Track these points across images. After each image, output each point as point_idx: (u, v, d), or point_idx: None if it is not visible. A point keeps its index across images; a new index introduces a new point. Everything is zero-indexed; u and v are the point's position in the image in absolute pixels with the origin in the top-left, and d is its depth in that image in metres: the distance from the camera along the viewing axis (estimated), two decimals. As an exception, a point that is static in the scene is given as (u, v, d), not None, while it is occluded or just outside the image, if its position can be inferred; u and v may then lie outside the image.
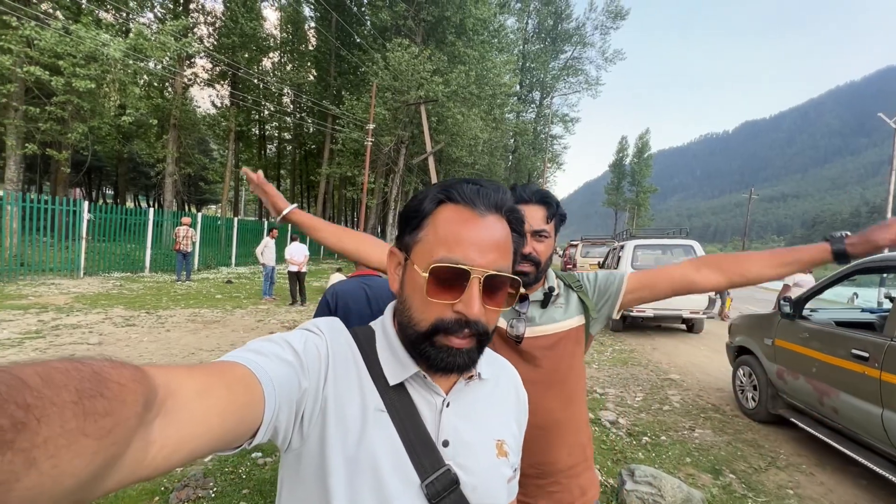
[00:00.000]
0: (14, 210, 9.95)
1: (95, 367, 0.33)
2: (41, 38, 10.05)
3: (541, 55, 35.88)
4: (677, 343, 8.23)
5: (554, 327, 1.23)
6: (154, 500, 2.64)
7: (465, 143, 20.58)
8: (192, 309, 8.34)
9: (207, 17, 21.11)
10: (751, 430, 4.30)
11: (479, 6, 18.49)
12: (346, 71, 25.65)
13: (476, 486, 0.63)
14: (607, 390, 5.36)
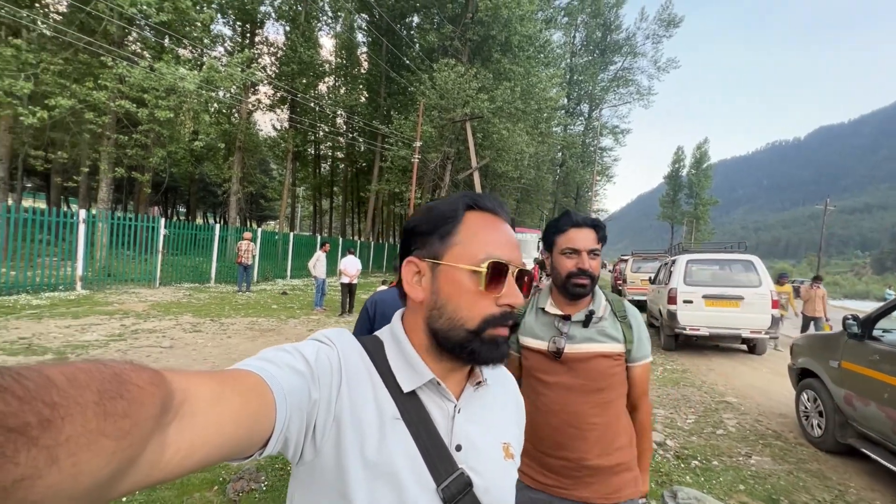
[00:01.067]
0: (104, 227, 11.20)
1: (117, 369, 0.34)
2: (131, 76, 11.40)
3: (589, 67, 35.44)
4: (736, 364, 7.71)
5: (590, 347, 1.40)
6: (213, 488, 2.89)
7: (511, 158, 20.64)
8: (250, 318, 8.93)
9: (270, 48, 22.85)
10: (816, 459, 3.97)
11: (525, 23, 18.70)
12: (396, 92, 26.68)
13: (488, 487, 0.66)
14: (656, 410, 5.13)
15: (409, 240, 0.70)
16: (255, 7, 19.48)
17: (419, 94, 18.95)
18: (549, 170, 32.18)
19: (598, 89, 36.99)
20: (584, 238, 1.39)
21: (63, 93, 11.21)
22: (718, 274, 8.25)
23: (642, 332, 1.45)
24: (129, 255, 11.64)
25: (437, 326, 0.65)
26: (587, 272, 1.36)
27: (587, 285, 1.37)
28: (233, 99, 17.70)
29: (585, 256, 1.37)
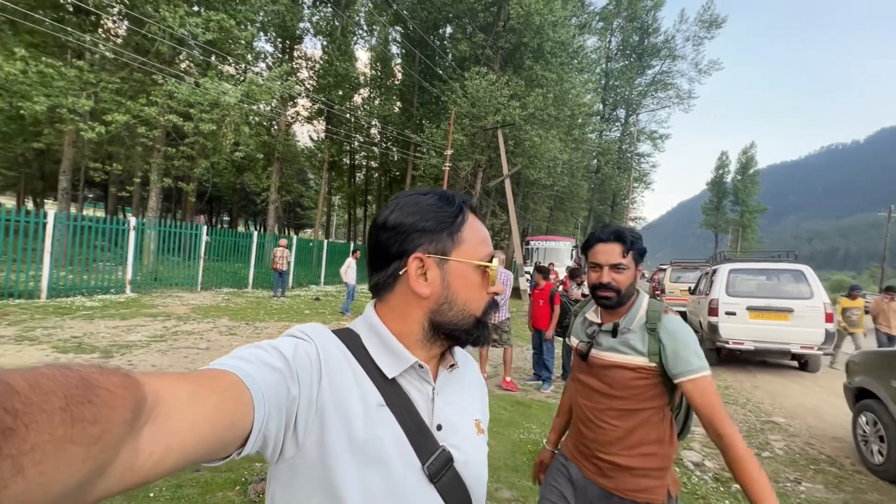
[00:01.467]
0: (152, 234, 11.88)
1: (84, 373, 0.33)
2: (179, 91, 12.11)
3: (625, 72, 34.62)
4: (785, 382, 7.18)
5: (611, 356, 1.49)
6: (235, 489, 2.94)
7: (544, 165, 20.38)
8: (283, 322, 9.18)
9: (308, 62, 23.72)
10: (877, 489, 3.60)
11: (558, 29, 18.52)
12: (428, 101, 27.01)
13: (467, 461, 0.70)
14: (694, 428, 4.83)
15: (406, 237, 0.69)
16: (295, 24, 20.32)
17: (451, 103, 19.09)
18: (584, 177, 31.51)
19: (635, 94, 36.03)
20: (607, 253, 1.48)
21: (119, 109, 12.04)
22: (765, 284, 7.75)
23: (678, 345, 1.40)
24: (175, 260, 12.28)
25: (445, 318, 0.69)
26: (608, 285, 1.46)
27: (611, 297, 1.47)
28: (272, 112, 18.47)
29: (606, 270, 1.47)
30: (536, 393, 5.88)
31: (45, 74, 10.79)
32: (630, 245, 1.47)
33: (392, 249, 0.69)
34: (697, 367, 1.36)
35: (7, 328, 6.50)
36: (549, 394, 5.89)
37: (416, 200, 0.72)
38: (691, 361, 1.37)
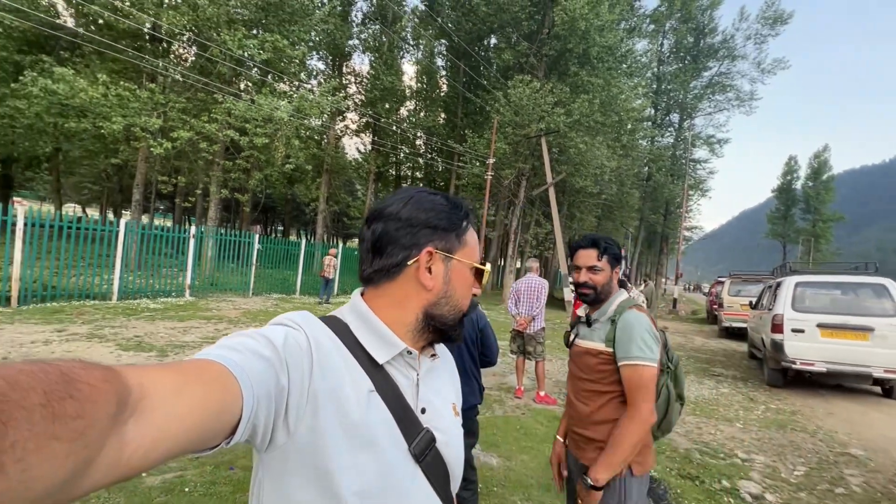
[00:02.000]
0: (210, 242, 12.67)
1: (64, 368, 0.33)
2: (236, 109, 12.95)
3: (679, 75, 33.04)
4: (866, 409, 6.38)
5: (582, 343, 1.78)
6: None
7: (590, 173, 19.77)
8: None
9: (356, 78, 24.65)
10: (981, 542, 3.06)
11: (605, 34, 18.04)
12: (472, 111, 27.16)
13: (447, 441, 0.75)
14: (753, 456, 4.40)
15: (420, 230, 0.73)
16: (344, 42, 21.22)
17: (494, 112, 19.06)
18: (635, 185, 30.22)
19: (689, 97, 34.26)
20: (584, 256, 1.74)
21: (184, 126, 13.05)
22: (839, 299, 6.98)
23: (625, 334, 1.61)
24: (230, 267, 13.02)
25: (440, 311, 0.74)
26: (585, 284, 1.73)
27: (589, 294, 1.73)
28: (322, 126, 19.32)
29: (584, 272, 1.74)
30: (577, 409, 5.59)
31: (122, 97, 11.91)
32: (603, 250, 1.72)
33: (402, 240, 0.72)
34: (635, 355, 1.57)
35: (81, 326, 7.12)
36: (590, 410, 5.58)
37: (430, 198, 0.76)
38: (630, 349, 1.58)
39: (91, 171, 25.54)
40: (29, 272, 8.32)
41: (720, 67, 34.37)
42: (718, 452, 4.45)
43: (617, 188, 25.61)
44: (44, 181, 25.90)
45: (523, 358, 5.80)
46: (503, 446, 4.08)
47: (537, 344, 5.72)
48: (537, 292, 5.62)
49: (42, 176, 24.43)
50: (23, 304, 8.09)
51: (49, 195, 26.60)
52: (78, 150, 18.32)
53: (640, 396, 1.55)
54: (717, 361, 9.85)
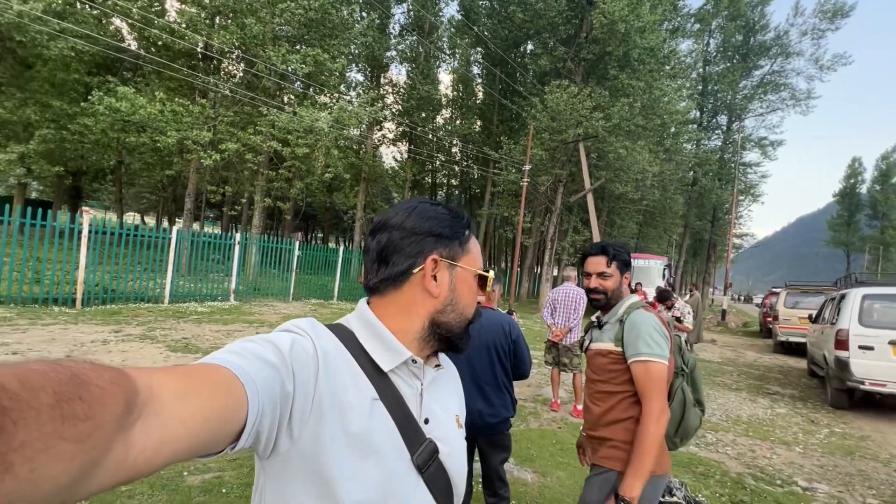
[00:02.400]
0: (254, 248, 13.21)
1: (75, 369, 0.33)
2: (279, 121, 13.50)
3: (727, 75, 31.49)
4: (950, 438, 5.72)
5: (594, 345, 1.84)
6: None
7: (631, 178, 19.14)
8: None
9: (393, 88, 25.16)
10: None
11: (646, 35, 17.49)
12: (508, 118, 27.03)
13: (450, 452, 0.74)
14: (815, 485, 4.03)
15: (425, 239, 0.74)
16: (382, 54, 21.74)
17: (530, 119, 18.86)
18: (679, 190, 28.96)
19: (738, 98, 32.56)
20: (593, 263, 1.83)
21: (231, 139, 13.73)
22: (915, 314, 6.33)
23: (633, 333, 1.67)
24: (272, 273, 13.51)
25: (446, 319, 0.74)
26: (595, 289, 1.81)
27: (600, 299, 1.81)
28: (360, 135, 19.83)
29: (594, 278, 1.82)
30: (617, 424, 5.34)
31: (176, 112, 12.70)
32: (612, 256, 1.79)
33: (407, 249, 0.73)
34: (643, 351, 1.61)
35: (136, 328, 7.56)
36: (631, 427, 5.32)
37: (432, 209, 0.77)
38: (638, 346, 1.63)
39: (149, 182, 27.40)
40: (92, 276, 8.96)
41: (773, 65, 32.49)
42: (775, 479, 4.11)
43: (660, 194, 24.64)
44: (108, 192, 28.01)
45: (558, 370, 5.62)
46: (538, 461, 3.94)
47: (574, 356, 5.53)
48: (575, 302, 5.44)
49: (107, 187, 26.42)
50: (86, 305, 8.71)
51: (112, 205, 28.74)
52: (137, 162, 19.72)
53: (651, 393, 1.58)
54: (773, 378, 9.17)
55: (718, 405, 6.73)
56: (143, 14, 12.90)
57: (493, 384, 2.37)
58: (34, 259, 8.65)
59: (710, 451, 4.85)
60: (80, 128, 13.10)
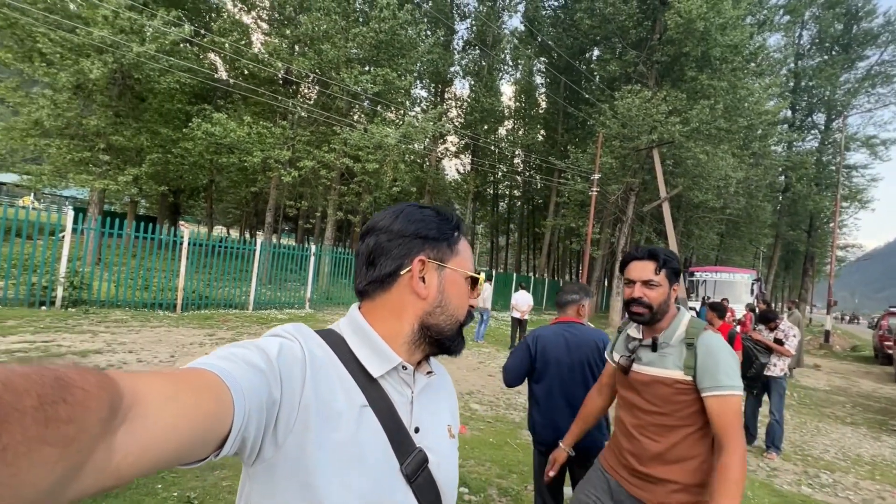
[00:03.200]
0: (327, 259, 13.90)
1: (59, 372, 0.32)
2: (351, 138, 14.20)
3: (824, 69, 28.36)
4: None
5: (650, 370, 1.54)
6: None
7: (712, 186, 17.71)
8: (428, 344, 9.62)
9: (457, 102, 25.60)
10: None
11: (729, 32, 16.24)
12: (574, 127, 26.34)
13: (440, 463, 0.73)
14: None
15: (412, 241, 0.73)
16: (446, 69, 22.22)
17: (598, 126, 18.21)
18: (767, 197, 26.34)
19: (839, 93, 29.13)
20: (638, 269, 1.55)
21: (308, 157, 14.65)
22: None
23: (709, 360, 1.43)
24: (344, 282, 14.11)
25: (436, 321, 0.73)
26: (639, 301, 1.52)
27: (643, 314, 1.52)
28: (425, 149, 20.33)
29: (638, 286, 1.53)
30: (709, 456, 4.85)
31: (261, 134, 13.82)
32: (663, 263, 1.53)
33: (394, 251, 0.73)
34: (725, 384, 1.40)
35: (226, 332, 8.21)
36: (726, 459, 4.80)
37: (420, 211, 0.77)
38: (719, 378, 1.41)
39: (234, 198, 30.05)
40: (189, 284, 9.90)
41: (882, 55, 28.75)
42: (919, 536, 3.47)
43: (745, 201, 22.57)
44: (200, 207, 31.08)
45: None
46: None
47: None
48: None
49: (199, 203, 29.34)
50: (185, 310, 9.63)
51: (203, 219, 31.88)
52: (226, 181, 21.69)
53: (733, 428, 1.40)
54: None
55: (832, 440, 5.89)
56: (234, 48, 14.28)
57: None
58: (143, 268, 9.75)
59: (826, 493, 4.24)
60: (181, 151, 14.67)
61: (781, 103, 23.76)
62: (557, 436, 2.17)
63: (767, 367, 4.92)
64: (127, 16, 11.40)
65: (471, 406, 5.61)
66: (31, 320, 6.76)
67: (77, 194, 26.14)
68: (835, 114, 29.97)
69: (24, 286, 7.79)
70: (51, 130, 12.27)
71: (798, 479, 4.51)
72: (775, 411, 4.95)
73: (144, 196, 19.81)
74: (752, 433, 5.27)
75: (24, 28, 11.63)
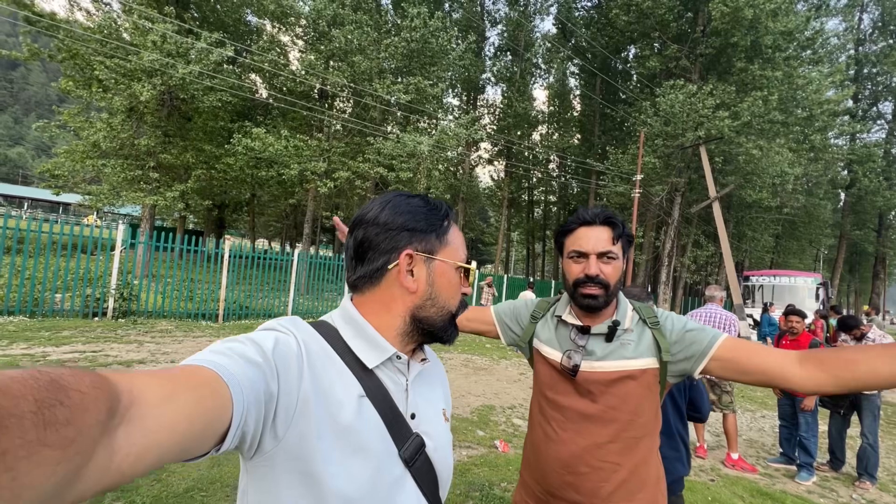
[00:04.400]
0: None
1: (54, 375, 0.32)
2: (384, 148, 14.26)
3: (889, 54, 26.16)
4: None
5: (616, 364, 1.17)
6: None
7: (767, 183, 16.52)
8: (466, 354, 9.31)
9: (489, 108, 25.41)
10: None
11: (781, 18, 15.19)
12: (611, 128, 25.52)
13: (436, 447, 0.74)
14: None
15: (399, 234, 0.72)
16: (478, 76, 22.11)
17: (639, 125, 17.45)
18: (828, 194, 24.38)
19: (907, 79, 26.77)
20: (592, 238, 1.18)
21: (343, 168, 14.84)
22: None
23: (685, 325, 1.17)
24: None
25: (427, 314, 0.73)
26: (597, 279, 1.16)
27: (598, 296, 1.16)
28: (458, 157, 20.22)
29: (594, 260, 1.17)
30: (789, 482, 4.28)
31: (298, 147, 14.13)
32: (622, 230, 1.19)
33: (382, 245, 0.72)
34: (717, 332, 1.12)
35: (263, 342, 8.25)
36: (809, 487, 4.21)
37: (407, 201, 0.75)
38: (706, 330, 1.14)
39: (275, 212, 31.07)
40: (231, 294, 10.11)
41: (958, 35, 26.20)
42: None
43: (804, 199, 20.96)
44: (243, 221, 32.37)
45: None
46: (695, 524, 3.20)
47: (723, 393, 4.61)
48: (724, 328, 4.53)
49: (243, 217, 30.56)
50: (226, 320, 9.83)
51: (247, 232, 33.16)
52: (266, 195, 22.41)
53: (771, 348, 1.07)
54: None
55: (936, 468, 5.09)
56: (273, 65, 14.75)
57: (665, 431, 1.89)
58: (189, 280, 10.05)
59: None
60: (224, 166, 15.25)
61: (846, 91, 22.00)
62: None
63: (857, 383, 4.29)
64: (174, 39, 11.99)
65: (513, 422, 5.26)
66: (83, 330, 7.04)
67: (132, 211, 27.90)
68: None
69: (80, 298, 8.17)
70: (107, 151, 13.05)
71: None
72: (868, 434, 4.29)
73: (191, 211, 20.77)
74: (839, 458, 4.62)
75: (83, 57, 12.48)
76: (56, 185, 13.85)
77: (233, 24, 17.03)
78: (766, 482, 4.21)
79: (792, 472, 4.43)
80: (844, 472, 4.61)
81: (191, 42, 12.27)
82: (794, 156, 16.86)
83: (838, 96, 20.44)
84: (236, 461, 3.19)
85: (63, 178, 13.65)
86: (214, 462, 3.17)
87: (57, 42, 12.54)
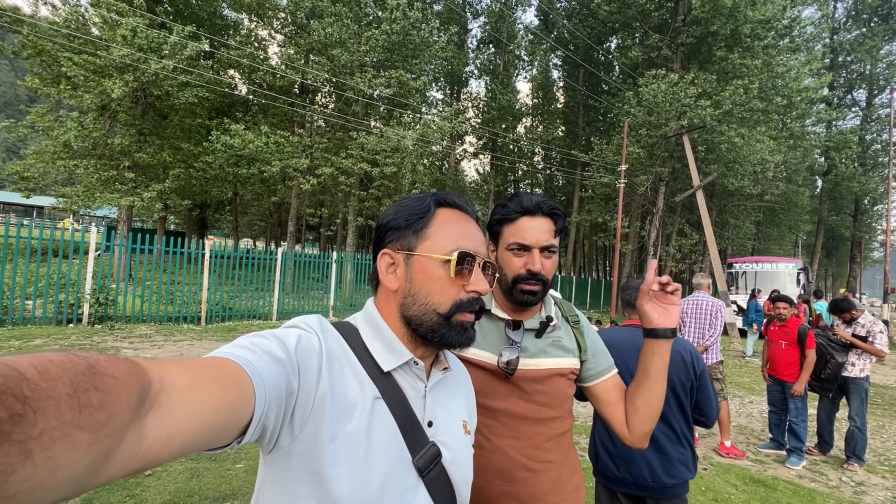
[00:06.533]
0: (349, 266, 13.72)
1: (91, 360, 0.33)
2: (368, 143, 14.01)
3: (863, 42, 26.72)
4: None
5: (547, 362, 1.12)
6: None
7: (748, 171, 16.75)
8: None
9: (473, 101, 25.23)
10: None
11: (759, 7, 15.31)
12: (595, 119, 25.58)
13: (454, 459, 0.72)
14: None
15: (384, 235, 0.74)
16: (461, 69, 21.89)
17: (623, 115, 17.50)
18: (807, 180, 24.87)
19: (880, 67, 27.39)
20: (537, 230, 1.10)
21: (326, 164, 14.55)
22: None
23: (596, 338, 1.19)
24: (366, 289, 13.91)
25: (411, 313, 0.70)
26: (539, 276, 1.08)
27: (538, 292, 1.10)
28: (444, 150, 20.04)
29: (537, 255, 1.09)
30: (779, 468, 4.30)
31: (279, 143, 13.79)
32: (564, 223, 1.15)
33: (377, 248, 0.75)
34: (613, 363, 1.18)
35: (248, 344, 8.05)
36: (800, 471, 4.24)
37: (401, 203, 0.76)
38: (608, 355, 1.18)
39: (258, 210, 30.50)
40: (213, 296, 9.84)
41: (928, 22, 26.84)
42: None
43: (784, 186, 21.34)
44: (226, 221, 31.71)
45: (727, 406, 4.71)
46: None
47: (714, 380, 4.60)
48: (710, 315, 4.53)
49: (225, 217, 29.92)
50: (209, 322, 9.56)
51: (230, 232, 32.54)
52: (249, 193, 21.96)
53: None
54: None
55: (919, 447, 5.19)
56: (251, 59, 14.35)
57: (671, 433, 1.82)
58: (169, 282, 9.75)
59: (930, 513, 3.63)
60: (202, 165, 14.82)
61: (824, 78, 22.39)
62: (640, 474, 1.77)
63: (844, 367, 4.33)
64: (145, 34, 11.54)
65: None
66: (56, 338, 6.74)
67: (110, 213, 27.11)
68: (877, 89, 28.21)
69: (53, 304, 7.84)
70: (79, 151, 12.55)
71: (892, 495, 3.91)
72: (856, 416, 4.33)
73: (171, 211, 20.22)
74: (827, 441, 4.66)
75: (49, 54, 11.95)
76: (26, 187, 13.30)
77: (208, 17, 16.50)
78: (758, 468, 4.23)
79: (782, 458, 4.46)
80: (833, 454, 4.66)
81: (163, 36, 11.82)
82: (775, 143, 17.12)
83: (816, 84, 20.81)
84: (216, 473, 3.05)
85: (33, 180, 13.11)
86: (193, 473, 3.02)
87: (21, 38, 11.98)
